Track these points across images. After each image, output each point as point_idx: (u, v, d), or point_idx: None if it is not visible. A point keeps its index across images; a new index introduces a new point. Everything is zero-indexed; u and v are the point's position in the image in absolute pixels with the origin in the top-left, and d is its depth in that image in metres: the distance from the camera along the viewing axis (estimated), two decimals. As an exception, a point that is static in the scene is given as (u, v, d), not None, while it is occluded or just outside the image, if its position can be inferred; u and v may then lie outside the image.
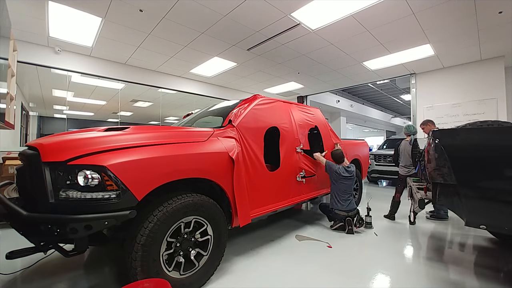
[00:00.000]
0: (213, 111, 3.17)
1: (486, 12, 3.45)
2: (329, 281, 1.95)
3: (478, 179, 1.75)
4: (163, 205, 1.61)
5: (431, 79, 5.94)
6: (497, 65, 5.06)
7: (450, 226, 3.36)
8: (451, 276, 2.04)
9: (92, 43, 4.46)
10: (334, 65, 5.70)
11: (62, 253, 1.54)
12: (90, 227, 1.33)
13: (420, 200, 2.19)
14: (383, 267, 2.19)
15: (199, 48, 4.72)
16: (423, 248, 2.63)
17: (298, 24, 3.81)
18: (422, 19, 3.65)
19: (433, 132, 1.96)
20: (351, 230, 2.97)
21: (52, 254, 2.29)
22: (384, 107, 14.79)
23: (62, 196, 1.35)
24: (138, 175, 1.49)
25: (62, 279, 1.98)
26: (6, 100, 2.61)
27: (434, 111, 5.84)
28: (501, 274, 2.10)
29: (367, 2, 3.24)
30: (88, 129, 1.89)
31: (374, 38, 4.26)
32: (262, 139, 2.53)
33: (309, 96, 8.74)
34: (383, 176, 6.98)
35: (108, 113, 8.18)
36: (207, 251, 1.86)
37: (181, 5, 3.31)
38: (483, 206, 1.75)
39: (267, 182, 2.52)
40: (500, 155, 1.70)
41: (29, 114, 6.08)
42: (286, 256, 2.39)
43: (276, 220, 3.56)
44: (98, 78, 5.26)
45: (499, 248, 2.63)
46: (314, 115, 3.63)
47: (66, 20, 3.70)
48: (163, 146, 1.72)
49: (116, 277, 2.00)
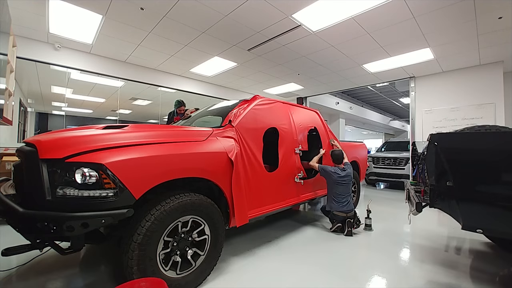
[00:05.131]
0: (212, 110, 3.17)
1: (486, 17, 3.47)
2: (326, 282, 1.95)
3: (476, 183, 1.76)
4: (161, 204, 1.61)
5: (430, 83, 5.96)
6: (496, 70, 5.09)
7: (447, 230, 3.37)
8: (447, 280, 2.05)
9: (92, 41, 4.45)
10: (334, 67, 5.72)
11: (58, 250, 1.54)
12: (86, 225, 1.32)
13: (417, 203, 2.19)
14: (381, 269, 2.19)
15: (199, 48, 4.72)
16: (420, 251, 2.63)
17: (299, 26, 3.81)
18: (423, 23, 3.66)
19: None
20: (350, 232, 2.96)
21: (48, 252, 2.28)
22: (383, 109, 14.82)
23: (59, 193, 1.34)
24: (136, 174, 1.48)
25: (57, 277, 1.97)
26: (5, 96, 2.59)
27: (432, 114, 5.87)
28: (496, 278, 2.11)
29: (368, 5, 3.26)
30: (86, 126, 1.89)
31: (374, 41, 4.28)
32: (261, 139, 2.52)
33: (308, 98, 8.75)
34: (381, 178, 7.00)
35: (107, 110, 8.15)
36: (204, 251, 1.85)
37: (182, 4, 3.31)
38: (480, 210, 1.76)
39: (266, 182, 2.52)
40: (498, 159, 1.71)
41: (27, 110, 6.05)
42: (283, 257, 2.39)
43: (274, 221, 3.56)
44: (98, 75, 5.24)
45: (495, 252, 2.64)
46: (313, 117, 3.64)
47: (67, 17, 3.69)
48: (162, 145, 1.71)
49: (112, 276, 1.99)
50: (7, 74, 2.68)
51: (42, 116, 7.09)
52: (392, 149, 7.83)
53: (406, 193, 3.00)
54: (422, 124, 6.01)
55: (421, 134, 5.96)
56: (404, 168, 6.43)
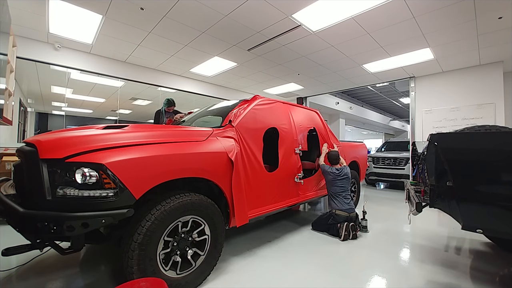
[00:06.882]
0: (212, 110, 3.17)
1: (486, 17, 3.47)
2: (326, 282, 1.95)
3: (476, 183, 1.76)
4: (161, 204, 1.61)
5: (430, 83, 5.97)
6: (496, 70, 5.09)
7: (447, 230, 3.37)
8: (447, 280, 2.05)
9: (92, 41, 4.44)
10: (334, 67, 5.72)
11: (58, 250, 1.54)
12: (87, 225, 1.32)
13: (417, 203, 2.19)
14: (380, 269, 2.19)
15: (199, 48, 4.72)
16: (420, 251, 2.63)
17: (299, 26, 3.81)
18: (423, 23, 3.66)
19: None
20: (355, 235, 2.93)
21: (48, 252, 2.28)
22: (383, 109, 14.82)
23: (60, 193, 1.34)
24: (136, 174, 1.48)
25: (57, 277, 1.97)
26: (5, 96, 2.59)
27: (432, 114, 5.87)
28: (496, 278, 2.11)
29: (368, 5, 3.26)
30: (86, 126, 1.89)
31: (374, 41, 4.28)
32: (261, 139, 2.52)
33: (308, 98, 8.75)
34: (381, 178, 7.00)
35: (107, 110, 8.16)
36: (204, 251, 1.85)
37: (182, 4, 3.31)
38: (480, 210, 1.76)
39: (266, 182, 2.52)
40: (498, 159, 1.71)
41: (27, 110, 6.05)
42: (283, 257, 2.39)
43: (274, 221, 3.56)
44: (98, 75, 5.24)
45: (495, 252, 2.64)
46: (313, 117, 3.64)
47: (67, 17, 3.68)
48: (162, 145, 1.71)
49: (112, 276, 1.99)
50: (7, 74, 2.68)
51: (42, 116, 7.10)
52: (392, 149, 7.83)
53: (406, 193, 3.00)
54: (422, 124, 6.01)
55: (421, 134, 5.96)
56: (404, 168, 6.43)
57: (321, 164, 3.31)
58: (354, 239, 2.92)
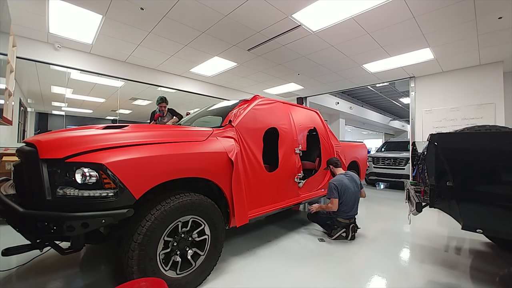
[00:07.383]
0: (212, 110, 3.17)
1: (486, 17, 3.47)
2: (326, 282, 1.95)
3: (476, 183, 1.76)
4: (161, 204, 1.61)
5: (430, 83, 5.96)
6: (496, 70, 5.09)
7: (447, 230, 3.37)
8: (447, 280, 2.05)
9: (92, 40, 4.44)
10: (334, 67, 5.72)
11: (58, 250, 1.53)
12: (87, 225, 1.32)
13: (417, 203, 2.19)
14: (381, 269, 2.19)
15: (199, 48, 4.72)
16: (420, 251, 2.63)
17: (299, 26, 3.81)
18: (423, 23, 3.66)
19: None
20: (353, 236, 2.89)
21: (48, 252, 2.27)
22: (383, 109, 14.82)
23: (59, 193, 1.34)
24: (136, 174, 1.48)
25: (57, 276, 1.97)
26: (5, 96, 2.59)
27: (432, 114, 5.87)
28: (496, 278, 2.11)
29: (368, 5, 3.25)
30: (86, 126, 1.89)
31: (374, 41, 4.28)
32: (261, 139, 2.53)
33: (308, 98, 8.75)
34: (381, 178, 7.00)
35: (107, 110, 8.16)
36: (204, 251, 1.85)
37: (182, 4, 3.31)
38: (480, 210, 1.76)
39: (265, 182, 2.52)
40: (498, 159, 1.71)
41: (27, 110, 6.05)
42: (283, 257, 2.39)
43: (273, 221, 3.56)
44: (98, 75, 5.24)
45: (495, 252, 2.64)
46: (313, 117, 3.64)
47: (67, 17, 3.68)
48: (162, 145, 1.71)
49: (112, 276, 1.99)
50: (7, 74, 2.68)
51: (42, 116, 7.10)
52: (392, 149, 7.83)
53: (406, 193, 2.99)
54: (422, 124, 6.01)
55: (421, 134, 5.96)
56: (404, 168, 6.43)
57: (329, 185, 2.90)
58: (353, 239, 2.91)
